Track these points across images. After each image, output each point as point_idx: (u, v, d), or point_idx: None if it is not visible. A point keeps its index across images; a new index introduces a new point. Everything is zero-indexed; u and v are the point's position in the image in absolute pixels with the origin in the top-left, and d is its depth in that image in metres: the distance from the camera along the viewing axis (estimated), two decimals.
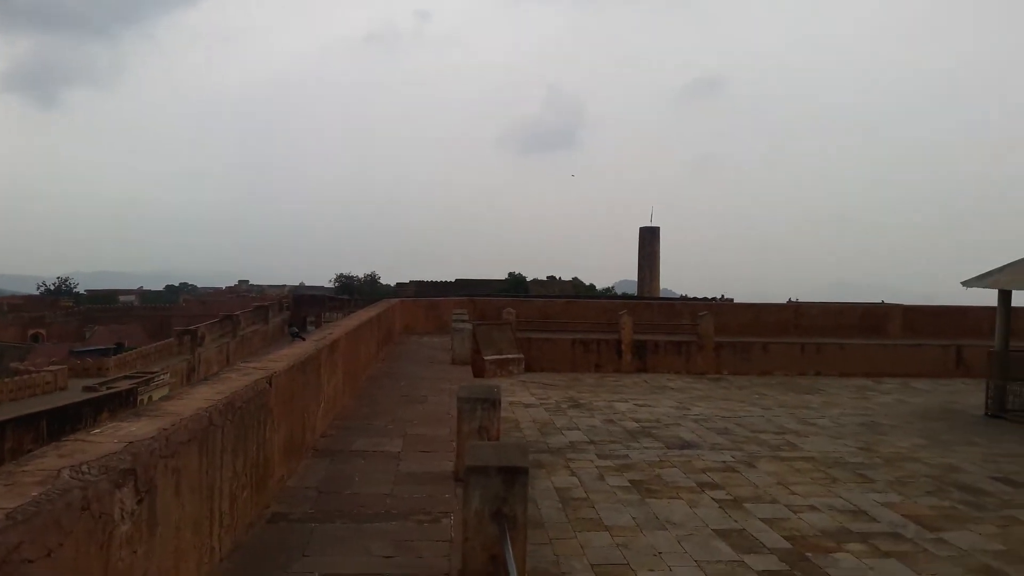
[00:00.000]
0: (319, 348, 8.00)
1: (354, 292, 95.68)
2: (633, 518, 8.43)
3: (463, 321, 16.47)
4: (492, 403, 6.96)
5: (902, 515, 8.75)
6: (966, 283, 15.81)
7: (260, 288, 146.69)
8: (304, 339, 9.18)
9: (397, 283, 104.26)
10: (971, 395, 17.43)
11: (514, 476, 4.66)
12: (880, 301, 28.54)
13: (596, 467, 10.59)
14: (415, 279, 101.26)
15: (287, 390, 6.54)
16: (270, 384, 5.93)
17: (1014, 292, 15.08)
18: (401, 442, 8.37)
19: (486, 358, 19.12)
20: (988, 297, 15.97)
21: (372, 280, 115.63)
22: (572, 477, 10.05)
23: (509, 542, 4.19)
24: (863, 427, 13.90)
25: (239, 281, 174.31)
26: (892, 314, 24.77)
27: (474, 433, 6.83)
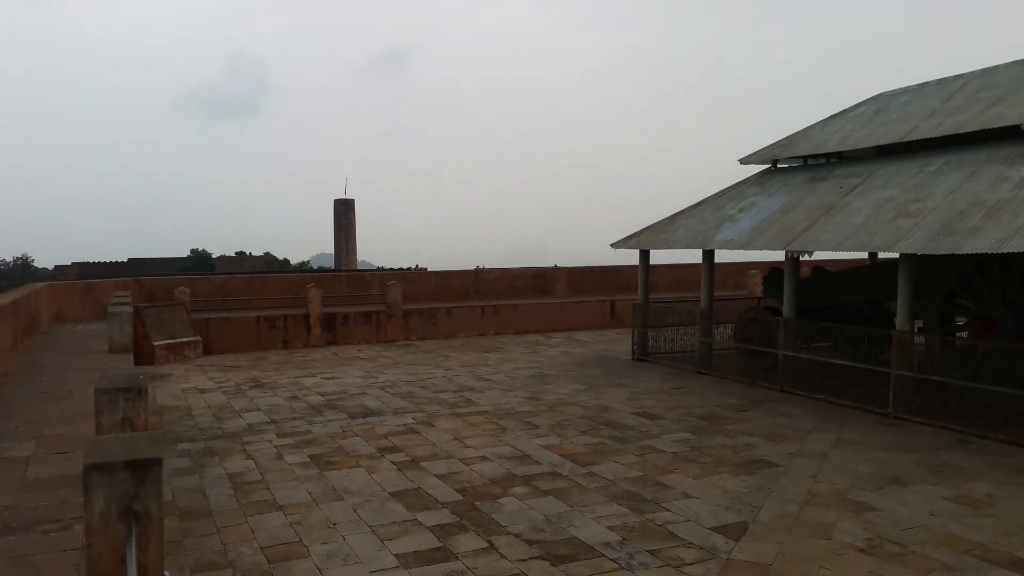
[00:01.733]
0: None
1: (0, 278, 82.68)
2: (310, 493, 8.28)
3: (123, 304, 14.90)
4: (137, 392, 6.34)
5: (560, 455, 9.62)
6: (614, 245, 17.75)
7: None
8: None
9: (56, 266, 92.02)
10: (622, 343, 19.71)
11: (145, 469, 4.25)
12: (553, 264, 31.04)
13: (275, 447, 10.23)
14: (79, 260, 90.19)
15: None
16: None
17: (652, 251, 17.20)
18: (33, 445, 7.36)
19: (156, 344, 17.57)
20: (633, 256, 18.05)
21: (24, 263, 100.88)
22: (248, 460, 9.61)
23: (134, 542, 3.82)
24: (532, 378, 15.08)
25: None
26: (559, 275, 27.15)
27: (117, 427, 6.18)
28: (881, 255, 14.87)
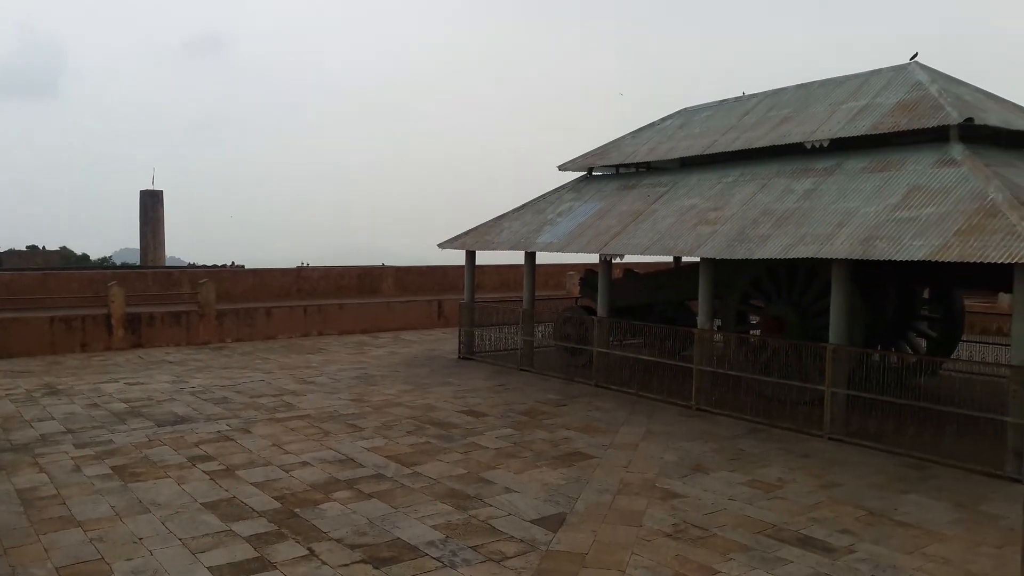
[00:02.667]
0: None
1: None
2: (112, 507, 7.73)
3: None
4: None
5: (385, 457, 9.58)
6: (441, 245, 17.89)
7: None
8: None
9: None
10: (449, 342, 19.90)
11: None
12: (380, 263, 30.75)
13: (72, 459, 9.44)
14: None
15: None
16: None
17: (477, 252, 17.49)
18: None
19: None
20: (460, 256, 18.25)
21: None
22: (40, 474, 8.80)
23: None
24: (357, 380, 14.88)
25: None
26: (386, 274, 26.93)
27: None
28: (684, 259, 16.01)
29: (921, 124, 11.13)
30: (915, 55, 13.09)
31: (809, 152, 12.61)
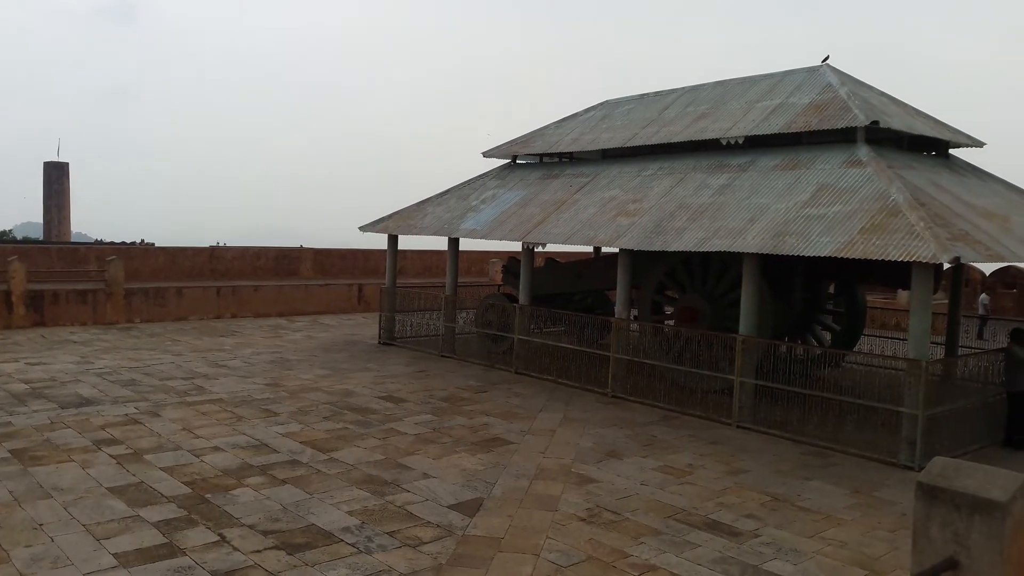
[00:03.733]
0: None
1: None
2: (10, 492, 7.41)
3: None
4: None
5: (300, 442, 9.44)
6: (363, 228, 17.67)
7: None
8: None
9: None
10: (369, 327, 19.71)
11: None
12: (299, 245, 30.15)
13: None
14: None
15: None
16: None
17: (400, 236, 17.35)
18: None
19: None
20: (382, 240, 18.07)
21: None
22: None
23: None
24: (273, 364, 14.59)
25: None
26: (304, 256, 26.43)
27: None
28: (604, 249, 16.27)
29: (831, 125, 11.59)
30: (826, 58, 13.61)
31: (725, 148, 12.98)
